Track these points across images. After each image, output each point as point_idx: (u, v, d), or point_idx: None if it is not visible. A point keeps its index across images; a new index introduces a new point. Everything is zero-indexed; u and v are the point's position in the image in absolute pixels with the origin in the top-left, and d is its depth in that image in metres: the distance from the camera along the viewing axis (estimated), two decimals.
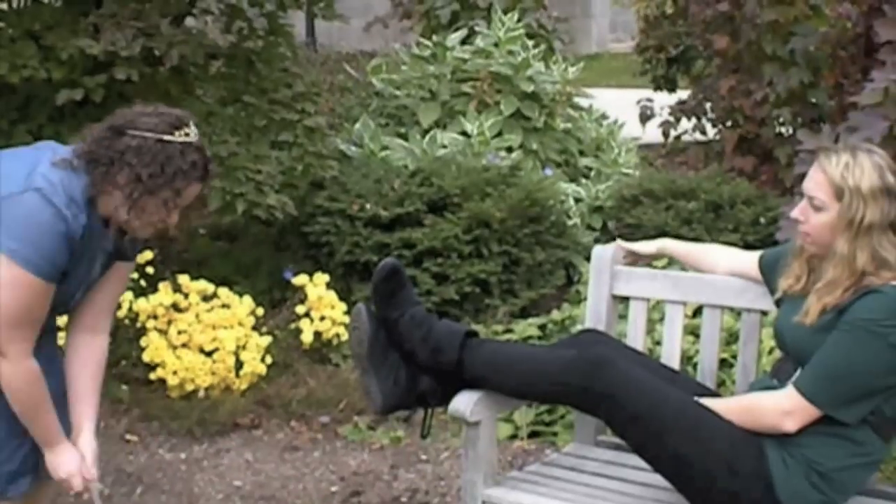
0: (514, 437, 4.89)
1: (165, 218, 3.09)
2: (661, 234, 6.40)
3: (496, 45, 7.49)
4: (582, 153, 7.52)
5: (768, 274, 3.56)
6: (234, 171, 5.73)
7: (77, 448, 3.20)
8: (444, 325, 3.58)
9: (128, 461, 4.72)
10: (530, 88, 7.17)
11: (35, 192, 2.95)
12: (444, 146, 6.77)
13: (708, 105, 8.33)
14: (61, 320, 3.34)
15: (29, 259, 2.93)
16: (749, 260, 3.68)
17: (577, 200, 6.94)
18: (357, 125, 7.03)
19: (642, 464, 3.44)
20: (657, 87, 10.76)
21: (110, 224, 3.12)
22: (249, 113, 6.06)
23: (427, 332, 3.52)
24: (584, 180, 7.19)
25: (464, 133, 6.95)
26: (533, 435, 4.89)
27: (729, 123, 8.01)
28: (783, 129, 7.56)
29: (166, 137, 3.01)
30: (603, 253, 3.97)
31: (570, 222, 6.67)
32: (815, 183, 3.23)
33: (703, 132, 8.50)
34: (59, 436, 3.15)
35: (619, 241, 3.95)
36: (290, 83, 6.22)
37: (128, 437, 4.92)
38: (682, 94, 9.18)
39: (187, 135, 3.05)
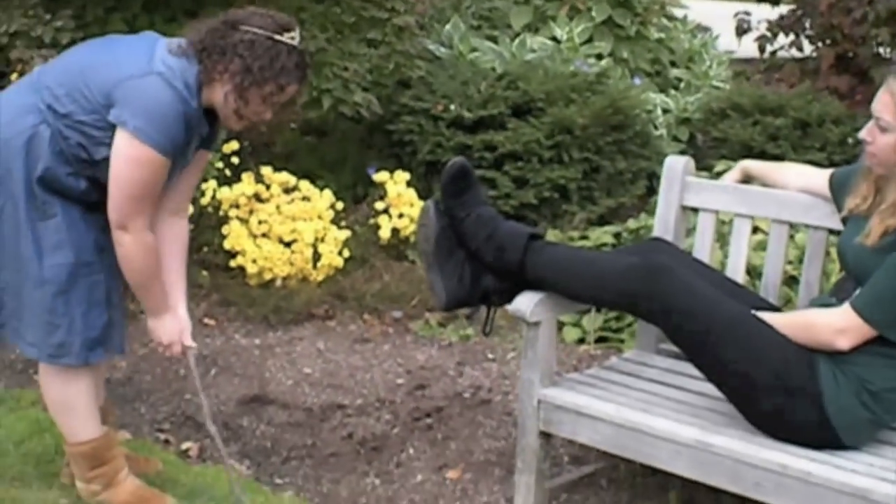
0: (581, 341, 4.96)
1: (263, 112, 3.33)
2: (746, 148, 6.39)
3: None
4: (673, 64, 7.47)
5: (837, 192, 3.57)
6: (322, 67, 5.82)
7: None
8: (510, 225, 3.65)
9: (204, 344, 4.87)
10: None
11: (157, 75, 3.22)
12: (534, 50, 6.76)
13: (807, 21, 8.19)
14: None
15: (153, 137, 3.19)
16: (820, 177, 3.69)
17: (665, 111, 6.91)
18: (448, 26, 7.04)
19: (700, 374, 3.50)
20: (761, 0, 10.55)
21: (209, 113, 3.36)
22: (340, 9, 6.11)
23: (492, 232, 3.59)
24: (673, 91, 7.15)
25: (553, 38, 6.93)
26: (601, 340, 4.95)
27: (827, 41, 7.89)
28: (881, 50, 7.42)
29: (276, 37, 3.27)
30: (675, 163, 4.00)
31: (655, 133, 6.65)
32: (882, 104, 3.23)
33: (800, 49, 8.36)
34: (167, 304, 3.48)
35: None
36: None
37: (206, 320, 5.08)
38: (785, 8, 9.01)
39: (293, 38, 3.30)
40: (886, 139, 3.24)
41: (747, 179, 3.93)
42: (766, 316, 3.35)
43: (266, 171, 5.50)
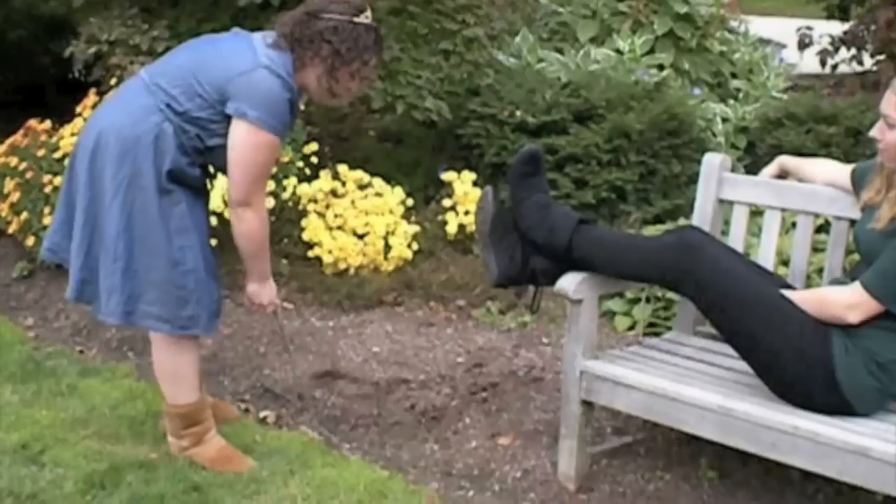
0: (631, 328, 5.31)
1: (353, 87, 3.82)
2: (799, 155, 6.67)
3: None
4: (734, 75, 7.76)
5: (858, 185, 3.88)
6: (396, 74, 6.25)
7: None
8: (563, 209, 3.99)
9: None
10: (684, 10, 7.44)
11: (265, 68, 3.68)
12: (597, 61, 7.10)
13: (867, 36, 8.45)
14: None
15: (271, 124, 3.67)
16: (844, 172, 4.00)
17: (725, 120, 7.20)
18: (517, 38, 7.41)
19: (732, 352, 3.83)
20: (830, 16, 10.76)
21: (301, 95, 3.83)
22: (414, 22, 6.52)
23: (545, 214, 3.93)
24: (732, 101, 7.45)
25: (617, 50, 7.27)
26: (651, 325, 5.28)
27: (885, 55, 8.15)
28: None
29: (355, 19, 3.74)
30: (712, 160, 4.36)
31: (714, 140, 6.96)
32: (889, 103, 3.55)
33: (861, 62, 8.61)
34: (270, 269, 3.98)
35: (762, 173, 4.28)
36: None
37: (285, 304, 5.48)
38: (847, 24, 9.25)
39: (368, 17, 3.77)
40: (894, 135, 3.56)
41: (784, 174, 4.25)
42: (788, 293, 3.66)
43: (342, 168, 5.92)
